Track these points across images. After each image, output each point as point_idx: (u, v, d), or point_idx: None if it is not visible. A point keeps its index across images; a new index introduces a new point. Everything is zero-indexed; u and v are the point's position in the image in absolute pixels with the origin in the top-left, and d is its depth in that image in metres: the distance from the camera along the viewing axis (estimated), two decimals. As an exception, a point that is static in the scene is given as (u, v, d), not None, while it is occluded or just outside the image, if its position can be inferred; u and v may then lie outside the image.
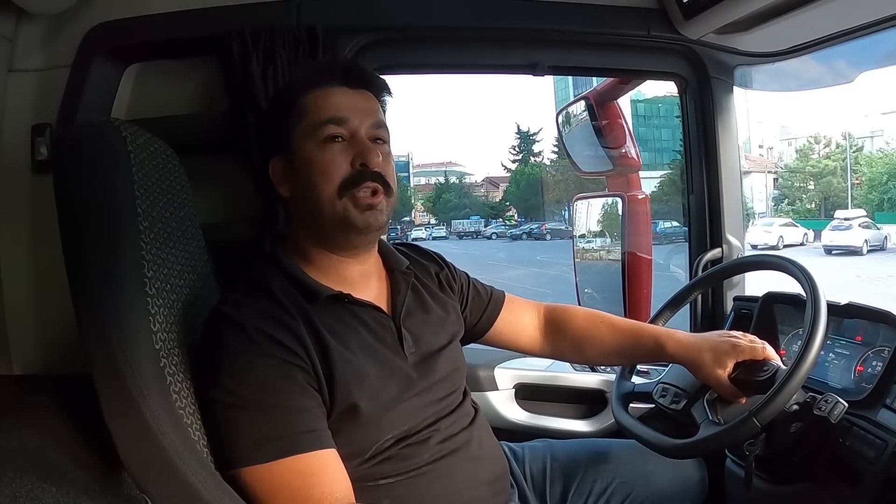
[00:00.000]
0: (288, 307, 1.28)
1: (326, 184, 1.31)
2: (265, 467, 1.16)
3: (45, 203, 1.21)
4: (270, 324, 1.23)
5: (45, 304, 1.74)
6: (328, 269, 1.38)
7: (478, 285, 1.74)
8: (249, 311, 1.24)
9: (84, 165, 1.16)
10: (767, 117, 45.18)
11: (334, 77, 1.38)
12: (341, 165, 1.31)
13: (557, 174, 41.04)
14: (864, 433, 1.45)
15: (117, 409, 1.08)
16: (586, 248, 2.80)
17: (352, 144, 1.33)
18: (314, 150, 1.32)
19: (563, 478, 1.65)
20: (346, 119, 1.33)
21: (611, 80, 2.51)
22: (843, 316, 1.73)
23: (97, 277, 1.10)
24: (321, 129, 1.32)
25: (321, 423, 1.22)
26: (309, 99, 1.35)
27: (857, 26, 1.78)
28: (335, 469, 1.20)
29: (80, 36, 1.76)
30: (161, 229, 1.24)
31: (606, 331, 1.71)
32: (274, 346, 1.21)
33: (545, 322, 1.79)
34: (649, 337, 1.64)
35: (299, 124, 1.34)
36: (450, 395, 1.45)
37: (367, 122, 1.35)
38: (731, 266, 1.97)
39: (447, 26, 1.91)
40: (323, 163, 1.31)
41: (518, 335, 1.77)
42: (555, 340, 1.77)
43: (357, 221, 1.31)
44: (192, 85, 1.87)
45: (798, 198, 39.07)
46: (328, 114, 1.33)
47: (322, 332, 1.27)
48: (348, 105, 1.35)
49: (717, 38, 1.94)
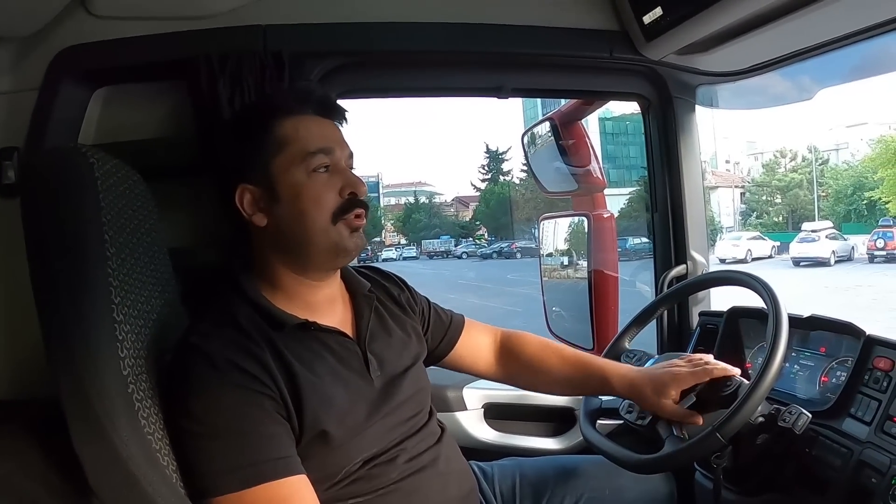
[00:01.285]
0: (254, 337, 1.28)
1: (319, 213, 1.33)
2: (235, 496, 1.16)
3: (11, 227, 1.21)
4: (238, 354, 1.23)
5: (15, 328, 1.71)
6: (295, 295, 1.39)
7: (438, 309, 1.75)
8: (217, 343, 1.24)
9: (51, 192, 1.16)
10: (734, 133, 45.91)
11: (309, 106, 1.39)
12: (331, 194, 1.34)
13: (527, 193, 41.05)
14: (830, 443, 1.49)
15: (86, 435, 1.07)
16: (553, 267, 2.81)
17: (335, 173, 1.36)
18: (303, 178, 1.33)
19: (532, 495, 1.66)
20: (333, 149, 1.36)
21: (575, 100, 2.54)
22: (807, 328, 1.77)
23: (64, 303, 1.10)
24: (310, 159, 1.33)
25: (290, 449, 1.23)
26: (287, 127, 1.36)
27: (815, 45, 1.82)
28: (305, 495, 1.20)
29: (49, 59, 1.74)
30: (128, 255, 1.24)
31: (556, 361, 1.73)
32: (241, 375, 1.21)
33: (500, 347, 1.80)
34: (597, 371, 1.66)
35: (280, 153, 1.34)
36: (416, 415, 1.46)
37: (344, 153, 1.39)
38: (696, 282, 2.00)
39: (413, 50, 1.93)
40: (314, 192, 1.33)
41: (476, 360, 1.78)
42: (508, 366, 1.79)
43: (348, 245, 1.36)
44: (160, 109, 1.86)
45: (765, 211, 39.52)
46: (318, 144, 1.35)
47: (289, 360, 1.28)
48: (331, 136, 1.38)
49: (678, 58, 1.98)
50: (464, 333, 1.77)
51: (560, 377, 1.71)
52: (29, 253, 1.14)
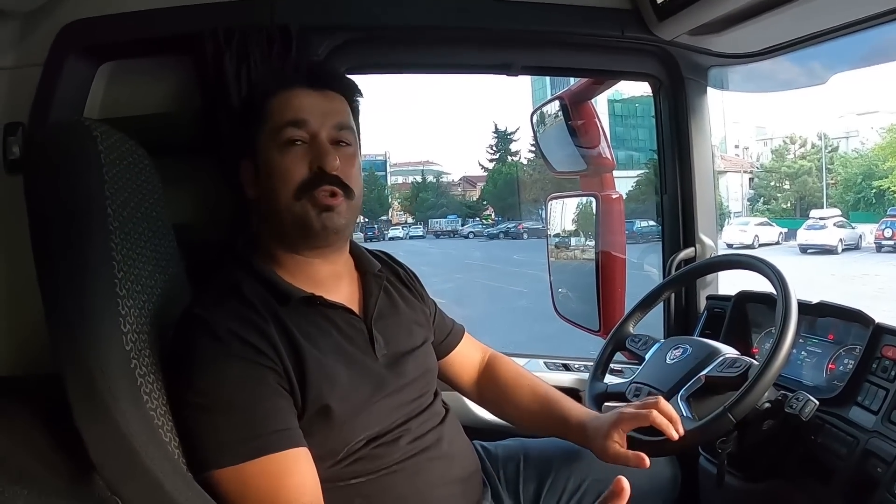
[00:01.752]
0: (259, 309, 1.27)
1: (284, 187, 1.31)
2: (236, 469, 1.16)
3: (16, 203, 1.20)
4: (241, 325, 1.22)
5: (17, 304, 1.71)
6: (296, 270, 1.38)
7: (443, 314, 1.74)
8: (220, 313, 1.23)
9: (54, 165, 1.15)
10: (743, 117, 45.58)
11: (300, 78, 1.38)
12: (300, 169, 1.32)
13: (535, 173, 41.02)
14: (836, 430, 1.48)
15: (88, 411, 1.07)
16: (560, 248, 2.80)
17: (312, 147, 1.33)
18: (274, 153, 1.33)
19: (536, 476, 1.65)
20: (306, 121, 1.33)
21: (585, 80, 2.51)
22: (816, 315, 1.76)
23: (67, 278, 1.10)
24: (281, 132, 1.32)
25: (292, 422, 1.22)
26: (274, 102, 1.35)
27: (830, 28, 1.79)
28: (305, 469, 1.20)
29: (53, 34, 1.73)
30: (132, 230, 1.23)
31: (526, 392, 1.70)
32: (245, 347, 1.20)
33: (484, 368, 1.79)
34: (559, 413, 1.62)
35: (263, 127, 1.35)
36: (421, 396, 1.45)
37: (328, 124, 1.35)
38: (704, 265, 1.99)
39: (422, 26, 1.91)
40: (282, 166, 1.32)
41: (461, 373, 1.77)
42: (483, 388, 1.78)
43: (314, 223, 1.32)
44: (165, 84, 1.85)
45: (773, 197, 39.36)
46: (288, 116, 1.33)
47: (294, 334, 1.27)
48: (309, 107, 1.35)
49: (690, 39, 1.95)
50: (461, 343, 1.76)
51: (525, 410, 1.69)
52: (31, 228, 1.13)
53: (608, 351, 1.86)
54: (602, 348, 1.88)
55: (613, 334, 1.86)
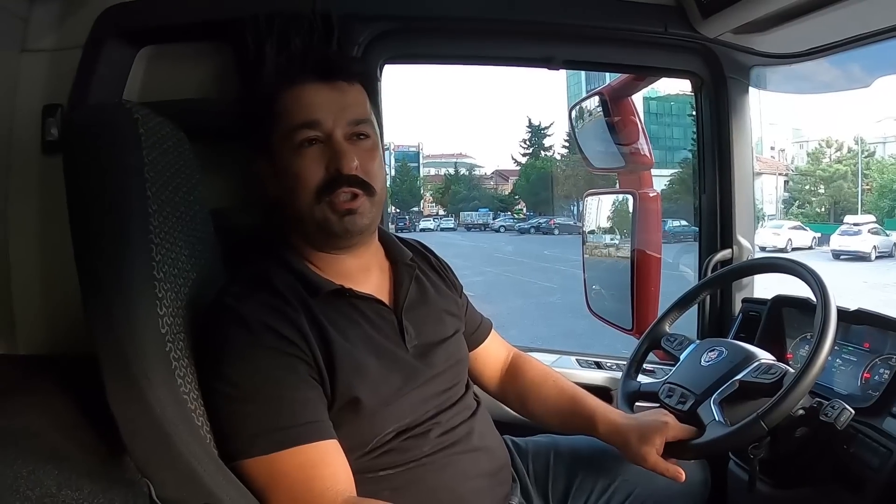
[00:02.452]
0: (290, 300, 1.27)
1: (303, 191, 1.30)
2: (267, 459, 1.16)
3: (54, 183, 1.20)
4: (272, 316, 1.22)
5: (53, 284, 1.74)
6: (324, 265, 1.37)
7: (473, 307, 1.73)
8: (251, 303, 1.24)
9: (94, 146, 1.16)
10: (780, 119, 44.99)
11: (307, 71, 1.34)
12: (316, 171, 1.30)
13: (568, 169, 40.97)
14: (869, 441, 1.45)
15: (122, 393, 1.07)
16: (596, 245, 2.79)
17: (328, 147, 1.30)
18: (290, 156, 1.31)
19: (566, 474, 1.64)
20: (319, 121, 1.30)
21: (626, 76, 2.50)
22: (852, 322, 1.73)
23: (105, 259, 1.10)
24: (294, 134, 1.30)
25: (323, 414, 1.22)
26: (285, 99, 1.32)
27: (876, 30, 1.77)
28: (336, 461, 1.20)
29: (94, 17, 1.74)
30: (170, 213, 1.23)
31: (552, 391, 1.69)
32: (275, 337, 1.20)
33: (509, 366, 1.79)
34: (587, 410, 1.61)
35: (276, 127, 1.32)
36: (451, 387, 1.45)
37: (343, 120, 1.32)
38: (742, 267, 1.97)
39: (464, 17, 1.90)
40: (298, 170, 1.30)
41: (485, 368, 1.76)
42: (507, 385, 1.77)
43: (335, 227, 1.31)
44: (204, 69, 1.85)
45: (808, 201, 38.85)
46: (300, 117, 1.30)
47: (324, 325, 1.27)
48: (321, 104, 1.32)
49: (734, 37, 1.92)
50: (488, 339, 1.76)
51: (552, 408, 1.68)
52: (70, 208, 1.14)
53: (643, 349, 1.84)
54: (636, 346, 1.86)
55: (649, 332, 1.84)
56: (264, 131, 1.35)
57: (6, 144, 1.74)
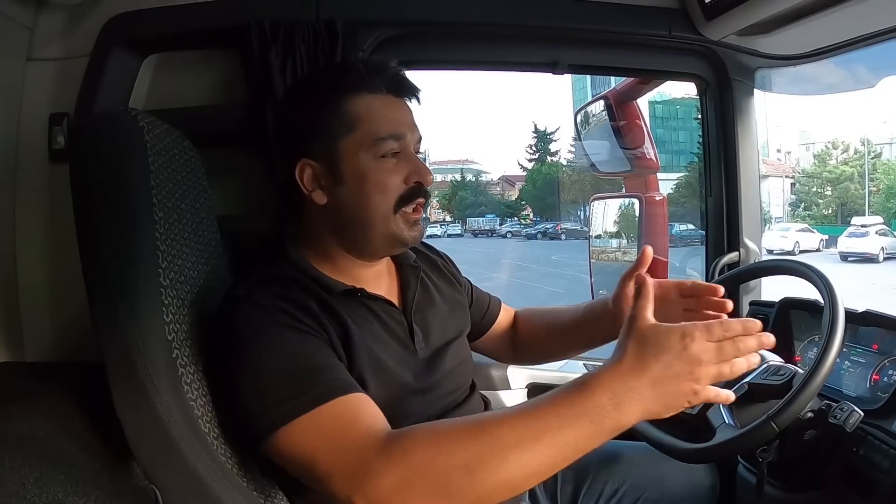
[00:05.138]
0: (303, 293, 1.26)
1: (383, 200, 1.29)
2: (302, 421, 1.10)
3: (61, 191, 1.21)
4: (286, 302, 1.21)
5: (60, 291, 1.74)
6: (343, 269, 1.36)
7: (478, 291, 1.75)
8: (263, 292, 1.22)
9: (100, 154, 1.16)
10: (786, 121, 44.98)
11: (382, 84, 1.33)
12: (396, 182, 1.30)
13: (574, 174, 40.88)
14: (879, 443, 1.44)
15: (129, 399, 1.08)
16: (602, 249, 2.79)
17: (403, 159, 1.31)
18: (370, 163, 1.29)
19: (574, 478, 1.64)
20: (404, 135, 1.31)
21: (630, 80, 2.50)
22: (860, 324, 1.72)
23: (111, 266, 1.11)
24: (381, 144, 1.29)
25: (348, 375, 1.19)
26: (359, 106, 1.30)
27: (881, 30, 1.76)
28: (371, 407, 1.15)
29: (99, 26, 1.75)
30: (176, 220, 1.24)
31: (562, 315, 1.72)
32: (290, 318, 1.19)
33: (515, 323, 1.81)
34: (593, 312, 1.62)
35: (349, 133, 1.29)
36: (458, 389, 1.45)
37: (415, 137, 1.34)
38: (749, 270, 1.95)
39: (468, 22, 1.90)
40: (380, 178, 1.29)
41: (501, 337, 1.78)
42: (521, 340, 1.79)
43: (406, 238, 1.33)
44: (210, 76, 1.87)
45: (815, 203, 38.74)
46: (389, 129, 1.30)
47: (342, 315, 1.26)
48: (404, 120, 1.33)
49: (738, 39, 1.93)
50: (499, 316, 1.77)
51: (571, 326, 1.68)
52: (77, 216, 1.14)
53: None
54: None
55: None
56: (325, 133, 1.31)
57: (13, 153, 1.74)
